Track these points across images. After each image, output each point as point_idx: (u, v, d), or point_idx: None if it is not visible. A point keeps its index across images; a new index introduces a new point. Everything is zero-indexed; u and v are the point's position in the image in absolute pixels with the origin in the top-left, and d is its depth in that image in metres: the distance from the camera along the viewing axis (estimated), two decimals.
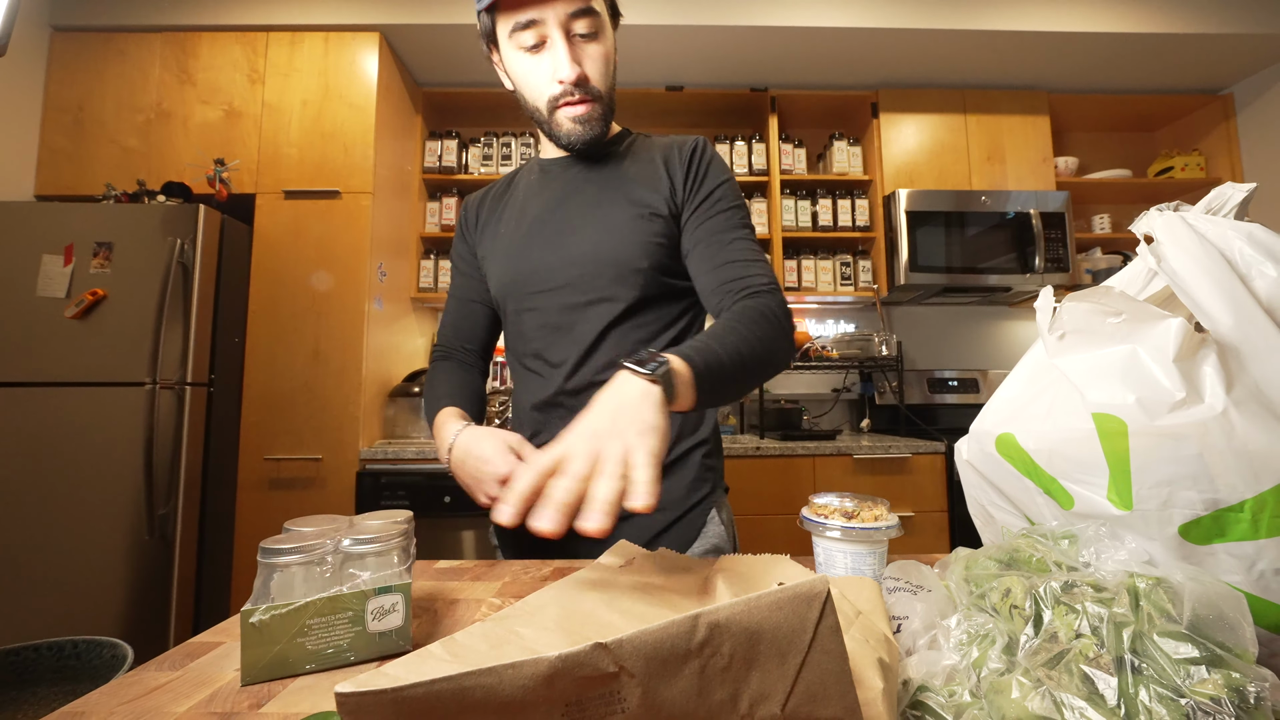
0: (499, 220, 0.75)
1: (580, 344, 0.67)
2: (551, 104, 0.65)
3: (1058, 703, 0.25)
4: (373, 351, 1.74)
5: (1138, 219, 0.34)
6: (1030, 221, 1.95)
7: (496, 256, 0.72)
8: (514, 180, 0.78)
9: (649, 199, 0.68)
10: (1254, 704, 0.24)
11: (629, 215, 0.67)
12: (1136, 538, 0.31)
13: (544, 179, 0.74)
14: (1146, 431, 0.30)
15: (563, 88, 0.63)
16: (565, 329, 0.68)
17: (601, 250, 0.66)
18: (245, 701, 0.32)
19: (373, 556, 0.39)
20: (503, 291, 0.72)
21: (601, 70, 0.65)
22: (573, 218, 0.69)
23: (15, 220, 1.49)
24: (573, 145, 0.67)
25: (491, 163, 2.10)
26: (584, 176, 0.71)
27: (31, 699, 0.61)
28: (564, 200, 0.70)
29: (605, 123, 0.68)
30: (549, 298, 0.68)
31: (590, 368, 0.67)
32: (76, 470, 1.42)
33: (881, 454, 1.70)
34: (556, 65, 0.62)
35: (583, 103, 0.64)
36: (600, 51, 0.64)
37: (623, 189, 0.69)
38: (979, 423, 0.41)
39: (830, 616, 0.20)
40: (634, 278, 0.66)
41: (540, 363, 0.70)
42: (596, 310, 0.66)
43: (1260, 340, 0.28)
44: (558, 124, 0.66)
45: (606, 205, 0.68)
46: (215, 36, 1.79)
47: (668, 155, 0.70)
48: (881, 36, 1.87)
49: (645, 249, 0.66)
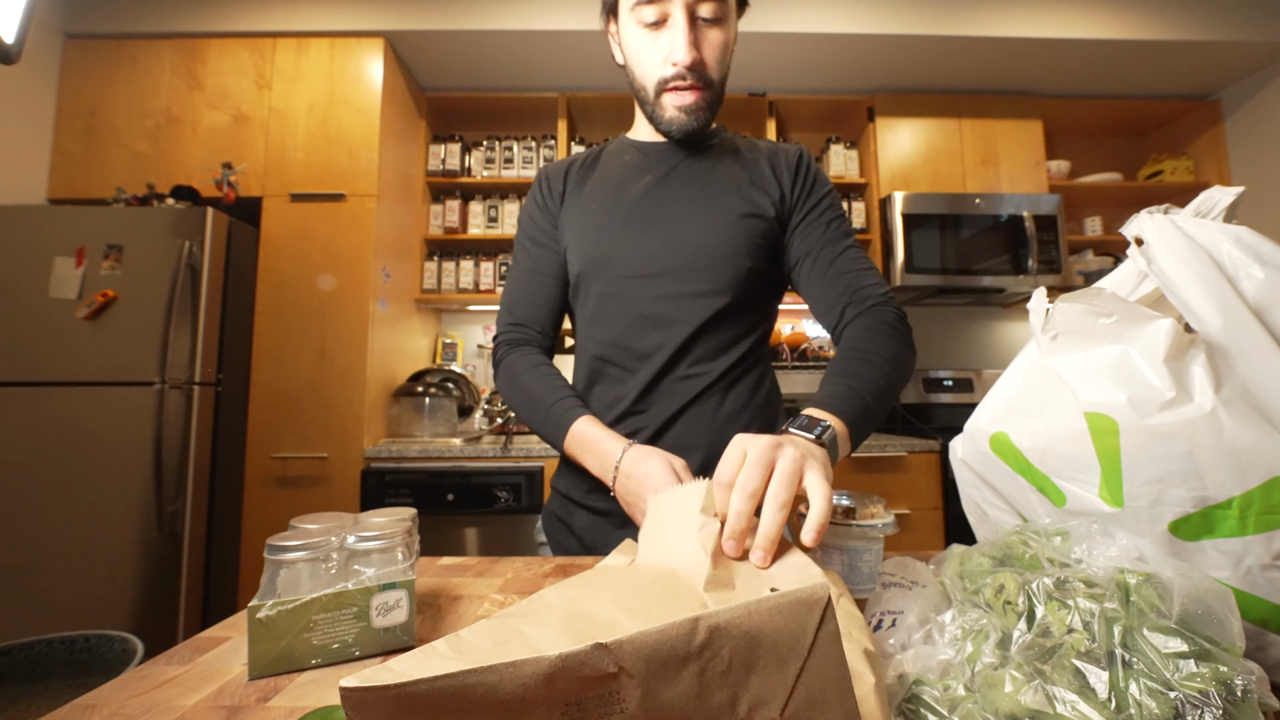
0: (588, 194, 0.70)
1: (672, 338, 0.63)
2: (660, 86, 0.62)
3: (1050, 696, 0.26)
4: (377, 352, 1.75)
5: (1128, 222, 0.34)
6: (1023, 224, 1.95)
7: (585, 232, 0.67)
8: (600, 155, 0.74)
9: (758, 199, 0.66)
10: (1241, 697, 0.24)
11: (739, 212, 0.65)
12: (1127, 534, 0.31)
13: (643, 160, 0.70)
14: (1137, 430, 0.31)
15: (675, 70, 0.60)
16: (656, 319, 0.64)
17: (709, 242, 0.63)
18: (252, 695, 0.33)
19: (377, 553, 0.39)
20: (588, 270, 0.67)
21: (719, 58, 0.62)
22: (677, 205, 0.65)
23: (28, 223, 1.52)
24: (673, 133, 0.65)
25: (494, 166, 2.11)
26: (689, 165, 0.68)
27: (44, 691, 0.62)
28: (668, 185, 0.67)
29: (711, 113, 0.65)
30: (643, 284, 0.64)
31: (682, 365, 0.63)
32: (87, 468, 1.44)
33: (877, 452, 1.70)
34: (674, 46, 0.59)
35: (693, 90, 0.62)
36: (721, 39, 0.62)
37: (732, 185, 0.66)
38: (973, 421, 0.42)
39: (830, 623, 0.20)
40: (736, 275, 0.63)
41: (622, 353, 0.65)
42: (694, 303, 0.63)
43: (1248, 341, 0.29)
44: (662, 108, 0.63)
45: (716, 198, 0.65)
46: (224, 43, 1.81)
47: (774, 160, 0.69)
48: (878, 43, 1.88)
49: (751, 247, 0.64)
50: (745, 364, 0.67)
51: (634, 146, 0.72)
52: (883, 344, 0.56)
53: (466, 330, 2.28)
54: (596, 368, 0.68)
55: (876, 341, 0.57)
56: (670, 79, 0.61)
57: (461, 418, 1.95)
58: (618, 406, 0.65)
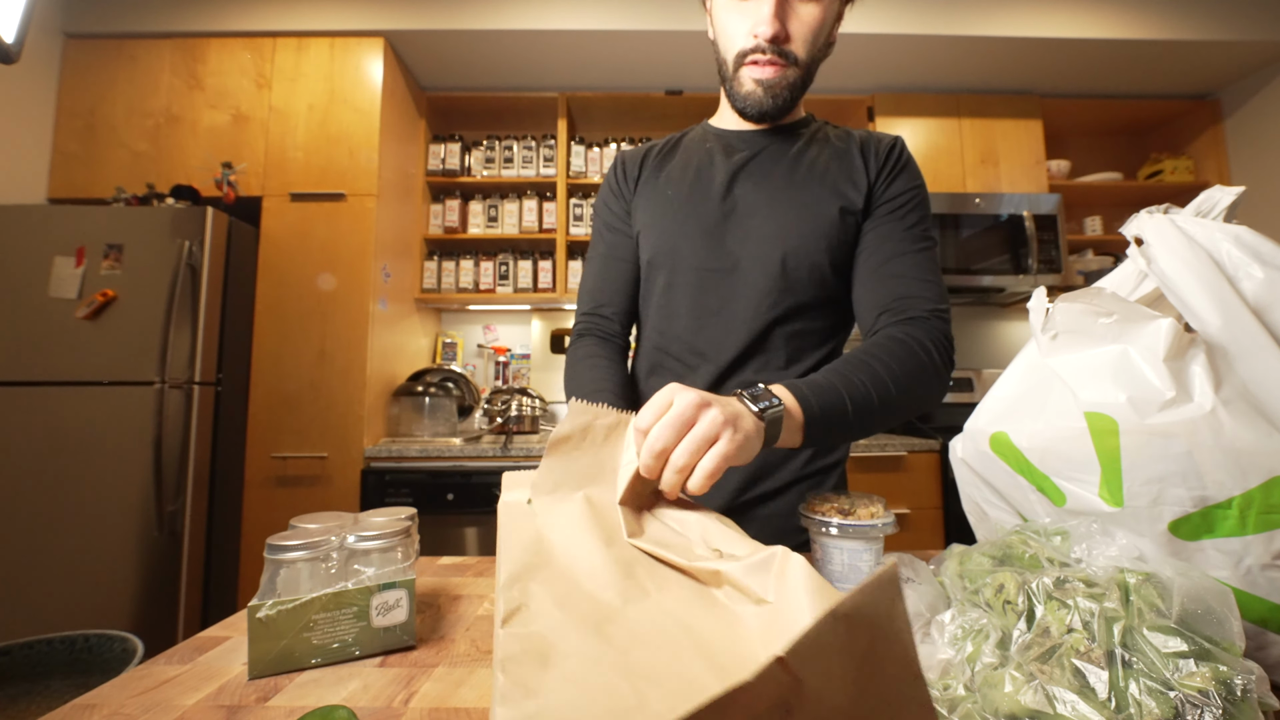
0: (665, 180, 0.66)
1: (738, 335, 0.60)
2: (739, 58, 0.58)
3: (1050, 696, 0.26)
4: (377, 351, 1.75)
5: (1128, 222, 0.34)
6: (1023, 223, 1.95)
7: (659, 219, 0.64)
8: (680, 142, 0.70)
9: (847, 193, 0.60)
10: (1240, 696, 0.24)
11: (823, 206, 0.59)
12: (1127, 534, 0.31)
13: (725, 147, 0.65)
14: (1137, 430, 0.31)
15: (755, 43, 0.56)
16: (724, 315, 0.60)
17: (789, 237, 0.59)
18: (252, 695, 0.33)
19: (377, 553, 0.39)
20: (660, 258, 0.63)
21: (808, 36, 0.57)
22: (755, 196, 0.61)
23: (28, 223, 1.52)
24: (748, 110, 0.60)
25: (494, 165, 2.11)
26: (774, 154, 0.63)
27: (44, 691, 0.62)
28: (748, 175, 0.63)
29: (793, 94, 0.60)
30: (715, 277, 0.60)
31: (749, 368, 0.60)
32: (87, 468, 1.44)
33: (877, 452, 1.70)
34: (759, 17, 0.56)
35: (772, 64, 0.57)
36: (815, 15, 0.57)
37: (819, 176, 0.61)
38: (973, 421, 0.42)
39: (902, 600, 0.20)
40: (816, 273, 0.59)
41: (686, 350, 0.62)
42: (767, 301, 0.59)
43: (1247, 340, 0.29)
44: (739, 82, 0.59)
45: (799, 190, 0.61)
46: (223, 43, 1.81)
47: (865, 148, 0.63)
48: (878, 42, 1.88)
49: (833, 244, 0.59)
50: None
51: (715, 133, 0.68)
52: (899, 358, 0.50)
53: (466, 330, 2.28)
54: (657, 359, 0.65)
55: (892, 353, 0.50)
56: (749, 51, 0.57)
57: (461, 417, 1.95)
58: None
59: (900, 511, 1.69)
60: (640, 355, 0.69)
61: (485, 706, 0.32)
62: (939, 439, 1.73)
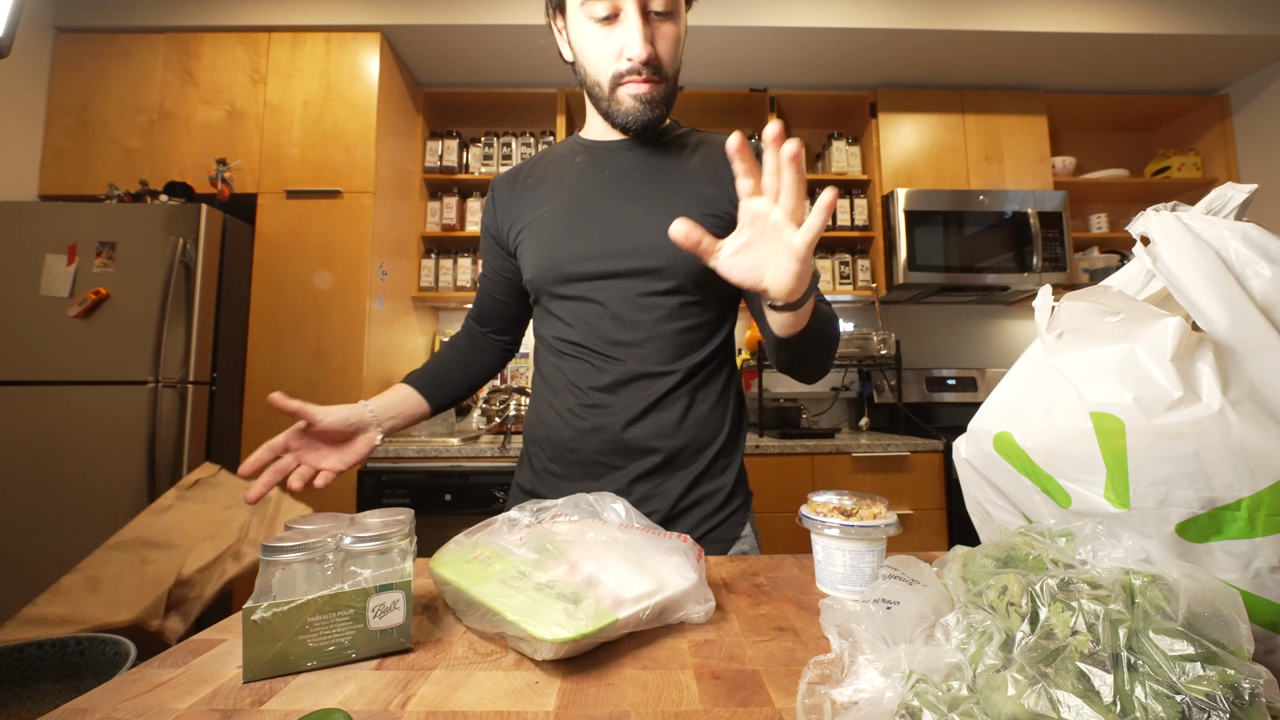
0: (538, 200, 0.69)
1: (633, 335, 0.63)
2: (615, 80, 0.62)
3: (1053, 700, 0.26)
4: (373, 350, 1.74)
5: (1134, 220, 0.34)
6: (1028, 221, 1.95)
7: (538, 238, 0.67)
8: (546, 159, 0.73)
9: (715, 194, 0.65)
10: (1249, 700, 0.24)
11: (696, 210, 0.63)
12: (1133, 536, 0.31)
13: (594, 161, 0.69)
14: (1144, 430, 0.30)
15: (630, 65, 0.60)
16: (620, 320, 0.64)
17: (667, 241, 0.62)
18: (247, 699, 0.33)
19: (374, 554, 0.39)
20: (544, 275, 0.67)
21: (673, 50, 0.62)
22: (634, 204, 0.65)
23: (19, 220, 1.50)
24: (630, 125, 0.64)
25: (492, 162, 2.10)
26: (644, 164, 0.67)
27: (35, 695, 0.61)
28: (622, 185, 0.66)
29: (667, 106, 0.64)
30: (603, 286, 0.64)
31: (644, 364, 0.63)
32: (79, 468, 1.43)
33: (880, 452, 1.70)
34: (628, 42, 0.59)
35: (648, 82, 0.61)
36: (673, 32, 0.62)
37: (687, 182, 0.65)
38: (977, 421, 0.41)
39: None
40: (698, 274, 0.62)
41: (584, 350, 0.65)
42: (653, 302, 0.63)
43: (1256, 340, 0.28)
44: (618, 101, 0.63)
45: (672, 196, 0.64)
46: (218, 37, 1.79)
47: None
48: (880, 37, 1.87)
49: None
50: (714, 363, 0.67)
51: (585, 146, 0.71)
52: (830, 317, 0.59)
53: None
54: (556, 363, 0.69)
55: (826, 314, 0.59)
56: (625, 73, 0.61)
57: (459, 417, 1.94)
58: (586, 398, 0.65)
59: (903, 512, 1.69)
60: (538, 360, 0.73)
61: (484, 710, 0.31)
62: (942, 439, 1.73)
